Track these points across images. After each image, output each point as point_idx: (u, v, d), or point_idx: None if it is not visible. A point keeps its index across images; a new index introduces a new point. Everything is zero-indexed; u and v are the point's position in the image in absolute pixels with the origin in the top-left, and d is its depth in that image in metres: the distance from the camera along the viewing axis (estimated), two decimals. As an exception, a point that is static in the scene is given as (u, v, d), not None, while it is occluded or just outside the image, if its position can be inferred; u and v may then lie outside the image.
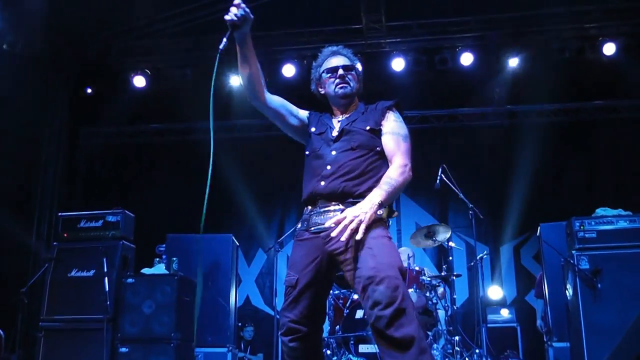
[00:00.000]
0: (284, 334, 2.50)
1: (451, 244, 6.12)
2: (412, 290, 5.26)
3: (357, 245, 2.35)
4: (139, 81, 8.43)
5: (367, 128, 2.63)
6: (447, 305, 5.71)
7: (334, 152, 2.60)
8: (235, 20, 2.46)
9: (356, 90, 2.77)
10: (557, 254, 5.14)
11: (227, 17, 2.46)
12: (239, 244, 6.71)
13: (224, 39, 2.43)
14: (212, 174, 2.35)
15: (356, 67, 2.79)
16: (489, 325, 6.95)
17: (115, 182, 8.94)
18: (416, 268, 5.57)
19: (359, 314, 4.96)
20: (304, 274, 2.49)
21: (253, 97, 2.69)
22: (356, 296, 5.01)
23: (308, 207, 2.60)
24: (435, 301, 5.51)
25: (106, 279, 4.85)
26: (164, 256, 5.64)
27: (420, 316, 5.30)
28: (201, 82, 8.06)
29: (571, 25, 7.73)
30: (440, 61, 8.02)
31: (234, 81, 8.22)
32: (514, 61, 7.97)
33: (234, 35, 2.49)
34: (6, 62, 7.15)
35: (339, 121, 2.72)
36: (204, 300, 5.96)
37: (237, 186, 8.18)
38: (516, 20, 7.82)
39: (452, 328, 5.50)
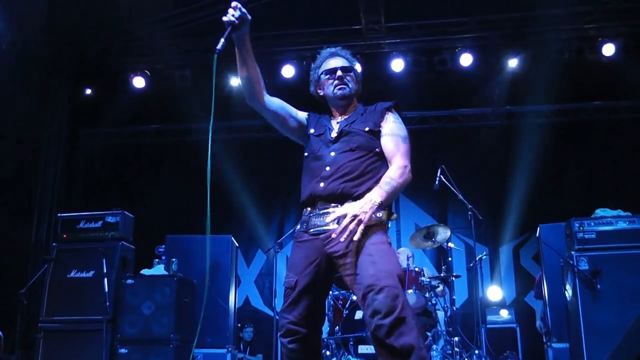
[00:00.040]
0: (283, 335, 2.50)
1: (450, 244, 6.11)
2: (412, 291, 5.26)
3: (357, 250, 2.34)
4: (139, 82, 8.45)
5: (366, 129, 2.62)
6: (446, 306, 5.70)
7: (333, 154, 2.59)
8: (234, 21, 2.44)
9: (355, 92, 2.76)
10: (556, 254, 5.13)
11: (225, 19, 2.45)
12: (238, 244, 6.69)
13: (222, 39, 2.41)
14: (212, 175, 2.35)
15: (355, 69, 2.78)
16: (489, 326, 6.93)
17: (115, 182, 8.93)
18: (415, 269, 5.58)
19: (358, 315, 4.97)
20: (303, 275, 2.48)
21: (252, 98, 2.67)
22: (355, 297, 5.01)
23: (307, 209, 2.60)
24: (434, 302, 5.51)
25: (105, 279, 4.86)
26: (163, 257, 5.65)
27: (420, 317, 5.30)
28: (201, 82, 8.08)
29: (570, 26, 7.75)
30: (439, 62, 8.03)
31: (233, 82, 8.22)
32: (513, 62, 7.98)
33: (232, 36, 2.47)
34: (6, 62, 7.15)
35: (338, 122, 2.71)
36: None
37: (237, 187, 8.17)
38: (516, 21, 7.83)
39: (451, 329, 5.49)
